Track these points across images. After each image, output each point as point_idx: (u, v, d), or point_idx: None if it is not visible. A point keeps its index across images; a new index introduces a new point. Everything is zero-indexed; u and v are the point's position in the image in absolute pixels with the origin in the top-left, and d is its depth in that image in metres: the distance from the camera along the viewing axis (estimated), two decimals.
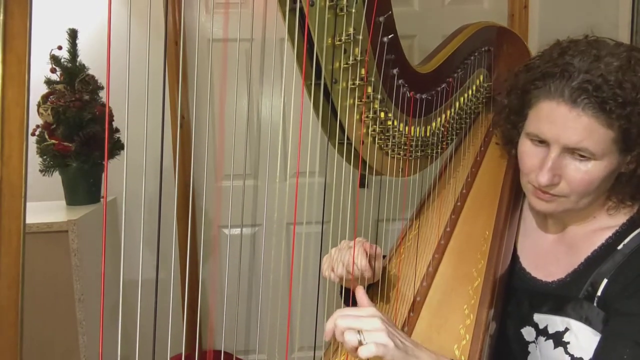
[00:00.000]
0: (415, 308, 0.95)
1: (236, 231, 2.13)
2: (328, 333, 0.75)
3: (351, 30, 0.87)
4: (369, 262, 0.94)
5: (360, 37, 0.88)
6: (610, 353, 0.80)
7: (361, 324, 0.72)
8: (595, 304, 0.85)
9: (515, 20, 2.22)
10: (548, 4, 2.17)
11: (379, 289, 1.02)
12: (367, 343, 0.70)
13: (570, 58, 0.84)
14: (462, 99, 1.19)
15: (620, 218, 0.90)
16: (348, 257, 0.95)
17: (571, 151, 0.83)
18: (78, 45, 1.78)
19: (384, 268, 1.04)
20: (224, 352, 1.89)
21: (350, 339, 0.71)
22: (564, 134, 0.82)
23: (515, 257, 1.02)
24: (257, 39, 1.85)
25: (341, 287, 1.07)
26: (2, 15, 0.49)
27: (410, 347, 0.73)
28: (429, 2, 2.25)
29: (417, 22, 2.21)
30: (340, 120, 0.92)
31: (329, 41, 0.85)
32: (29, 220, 1.69)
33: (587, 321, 0.85)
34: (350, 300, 1.05)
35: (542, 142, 0.87)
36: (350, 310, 0.76)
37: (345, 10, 0.85)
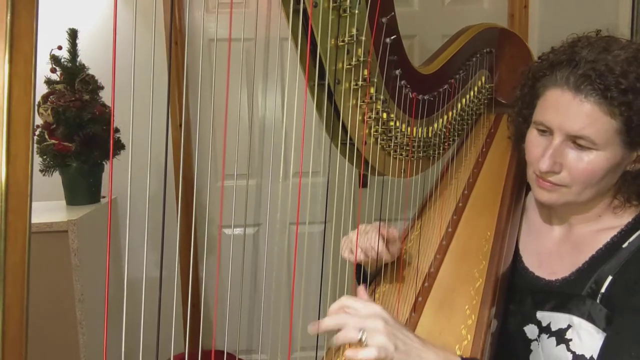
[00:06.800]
0: (417, 308, 0.95)
1: (238, 231, 2.13)
2: (328, 322, 0.75)
3: (354, 31, 0.87)
4: (386, 245, 0.98)
5: (363, 38, 0.88)
6: (617, 349, 0.80)
7: (364, 324, 0.73)
8: (598, 301, 0.85)
9: (515, 20, 2.22)
10: (548, 4, 2.17)
11: (381, 289, 1.02)
12: (368, 345, 0.71)
13: (579, 49, 0.86)
14: (464, 100, 1.20)
15: (625, 218, 0.91)
16: (366, 241, 0.98)
17: (573, 139, 0.84)
18: (78, 45, 1.78)
19: (385, 267, 1.05)
20: (226, 352, 1.90)
21: (352, 335, 0.72)
22: (567, 121, 0.84)
23: (517, 257, 1.02)
24: (259, 38, 1.85)
25: (357, 267, 1.09)
26: (9, 15, 0.49)
27: (414, 347, 0.73)
28: (429, 2, 2.25)
29: (417, 22, 2.22)
30: (343, 121, 0.93)
31: (332, 42, 0.86)
32: None
33: (589, 318, 0.86)
34: (360, 280, 1.06)
35: (547, 130, 0.88)
36: (355, 303, 0.76)
37: (348, 12, 0.85)
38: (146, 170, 0.70)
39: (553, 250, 0.98)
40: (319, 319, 0.76)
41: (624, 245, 0.87)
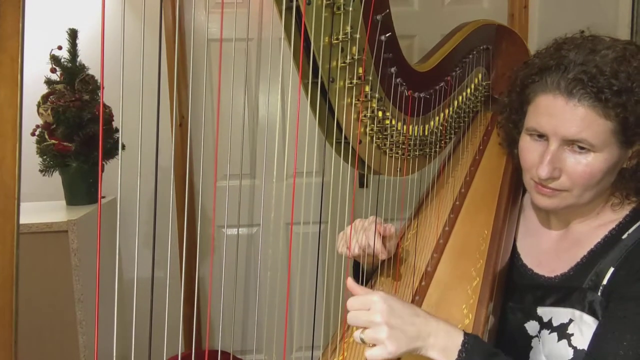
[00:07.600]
0: None
1: (234, 231, 2.13)
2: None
3: (348, 28, 0.86)
4: (383, 242, 0.98)
5: (358, 36, 0.87)
6: (611, 336, 0.80)
7: (364, 321, 0.74)
8: (599, 294, 0.85)
9: (515, 20, 2.21)
10: (548, 4, 2.17)
11: (378, 288, 1.02)
12: (375, 344, 0.73)
13: (566, 52, 0.85)
14: (460, 97, 1.19)
15: (623, 212, 0.90)
16: (363, 239, 0.99)
17: (570, 143, 0.84)
18: (78, 45, 1.78)
19: (382, 265, 1.04)
20: (222, 352, 1.90)
21: (359, 341, 0.75)
22: (562, 126, 0.83)
23: (515, 255, 1.02)
24: (256, 38, 1.85)
25: (354, 264, 1.11)
26: None
27: (413, 332, 0.74)
28: (429, 2, 2.24)
29: (417, 22, 2.21)
30: (337, 119, 0.92)
31: (326, 40, 0.85)
32: (30, 220, 1.70)
33: (590, 310, 0.85)
34: (360, 275, 1.07)
35: (542, 136, 0.87)
36: (353, 303, 0.76)
37: (342, 9, 0.84)
38: (145, 171, 0.69)
39: (552, 249, 0.97)
40: (314, 319, 0.77)
41: (623, 237, 0.87)
